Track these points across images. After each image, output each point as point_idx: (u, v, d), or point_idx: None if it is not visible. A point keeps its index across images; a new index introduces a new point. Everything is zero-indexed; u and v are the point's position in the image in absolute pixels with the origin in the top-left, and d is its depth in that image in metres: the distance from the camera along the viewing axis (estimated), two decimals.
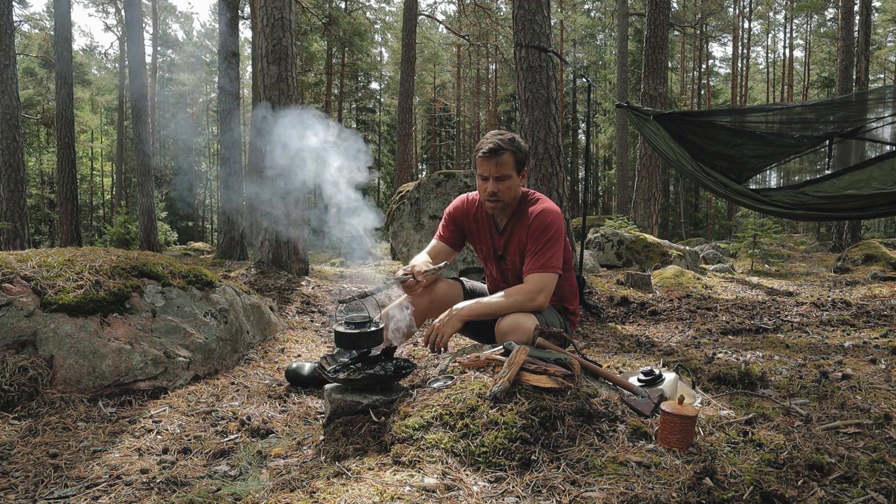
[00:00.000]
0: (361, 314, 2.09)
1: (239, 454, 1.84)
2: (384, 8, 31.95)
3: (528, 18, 5.04)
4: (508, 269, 2.41)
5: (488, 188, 2.24)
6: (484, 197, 2.29)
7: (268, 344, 3.31)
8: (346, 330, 2.01)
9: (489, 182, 2.24)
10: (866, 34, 13.19)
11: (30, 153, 25.51)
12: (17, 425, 1.96)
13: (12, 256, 2.57)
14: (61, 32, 11.19)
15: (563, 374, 1.74)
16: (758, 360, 2.86)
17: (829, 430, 1.75)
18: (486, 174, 2.24)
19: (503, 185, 2.24)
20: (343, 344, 2.01)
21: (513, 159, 2.23)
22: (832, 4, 26.72)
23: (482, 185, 2.28)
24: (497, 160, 2.21)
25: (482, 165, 2.24)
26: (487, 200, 2.29)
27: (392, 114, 33.64)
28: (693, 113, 4.51)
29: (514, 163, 2.24)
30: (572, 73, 31.77)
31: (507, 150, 2.21)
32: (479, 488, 1.36)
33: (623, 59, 19.83)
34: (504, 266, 2.43)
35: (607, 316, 4.64)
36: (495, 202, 2.28)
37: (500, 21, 23.06)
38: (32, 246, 11.27)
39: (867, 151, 3.81)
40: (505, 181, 2.24)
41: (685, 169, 4.06)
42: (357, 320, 2.04)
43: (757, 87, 37.51)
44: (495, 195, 2.25)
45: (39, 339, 2.24)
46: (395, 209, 7.44)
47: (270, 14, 6.24)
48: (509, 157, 2.22)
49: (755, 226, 9.50)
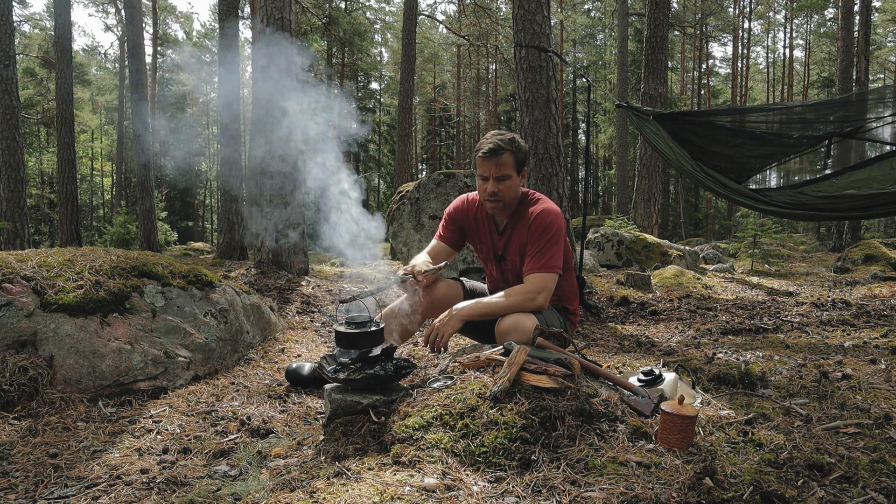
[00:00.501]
0: (362, 314, 2.09)
1: (239, 454, 1.84)
2: (384, 8, 31.98)
3: (528, 18, 5.04)
4: (508, 269, 2.41)
5: (488, 188, 2.25)
6: (484, 197, 2.29)
7: (268, 344, 3.31)
8: (347, 330, 2.01)
9: (489, 182, 2.24)
10: (866, 34, 13.20)
11: (30, 153, 25.51)
12: (17, 425, 1.96)
13: (12, 256, 2.57)
14: (61, 32, 11.19)
15: (563, 374, 1.74)
16: (758, 360, 2.86)
17: (829, 430, 1.75)
18: (486, 174, 2.24)
19: (503, 186, 2.24)
20: (343, 343, 2.02)
21: (513, 159, 2.23)
22: (832, 4, 26.71)
23: (482, 185, 2.28)
24: (497, 160, 2.21)
25: (482, 165, 2.24)
26: (487, 200, 2.29)
27: (392, 114, 33.64)
28: (692, 113, 4.52)
29: (515, 163, 2.24)
30: (572, 73, 31.78)
31: (507, 150, 2.21)
32: (479, 488, 1.36)
33: (623, 59, 19.83)
34: (504, 266, 2.43)
35: (607, 316, 4.64)
36: (495, 202, 2.28)
37: (500, 21, 23.06)
38: (32, 246, 11.26)
39: (867, 151, 3.81)
40: (505, 181, 2.24)
41: (685, 169, 4.06)
42: (357, 320, 2.04)
43: (757, 87, 37.51)
44: (495, 195, 2.25)
45: (39, 339, 2.24)
46: (395, 209, 7.44)
47: (270, 14, 6.24)
48: (509, 157, 2.22)
49: (755, 226, 9.50)
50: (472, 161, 2.32)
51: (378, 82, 36.94)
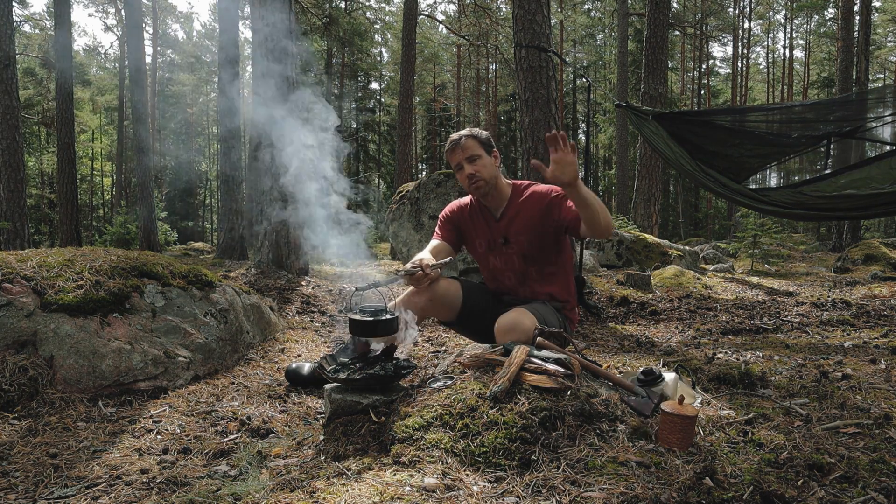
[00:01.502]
0: (375, 304, 2.08)
1: (239, 454, 1.84)
2: (384, 8, 31.93)
3: (528, 18, 5.04)
4: (514, 251, 2.44)
5: (465, 172, 2.37)
6: (467, 185, 2.40)
7: (268, 344, 3.31)
8: (362, 318, 2.00)
9: (464, 168, 2.37)
10: (866, 34, 13.20)
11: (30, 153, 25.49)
12: (17, 425, 1.96)
13: (12, 256, 2.57)
14: (61, 32, 11.19)
15: (563, 374, 1.74)
16: (758, 360, 2.86)
17: (829, 430, 1.75)
18: (458, 162, 2.38)
19: (477, 165, 2.36)
20: (358, 332, 2.01)
21: (475, 142, 2.38)
22: (832, 4, 26.72)
23: (460, 175, 2.41)
24: (460, 146, 2.37)
25: (451, 157, 2.41)
26: (471, 186, 2.39)
27: (392, 114, 33.62)
28: (691, 112, 4.52)
29: (478, 144, 2.38)
30: (572, 73, 31.77)
31: (465, 136, 2.39)
32: (479, 488, 1.36)
33: (623, 59, 19.83)
34: (509, 250, 2.45)
35: (607, 316, 4.64)
36: (477, 182, 2.37)
37: (500, 21, 23.05)
38: (32, 246, 11.26)
39: (867, 151, 3.80)
40: (476, 161, 2.36)
41: (684, 168, 4.06)
42: (371, 309, 2.04)
43: (757, 87, 37.49)
44: (474, 176, 2.36)
45: (39, 339, 2.24)
46: (395, 209, 7.44)
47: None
48: (470, 141, 2.37)
49: (755, 226, 9.50)
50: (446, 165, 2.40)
51: (378, 82, 36.91)
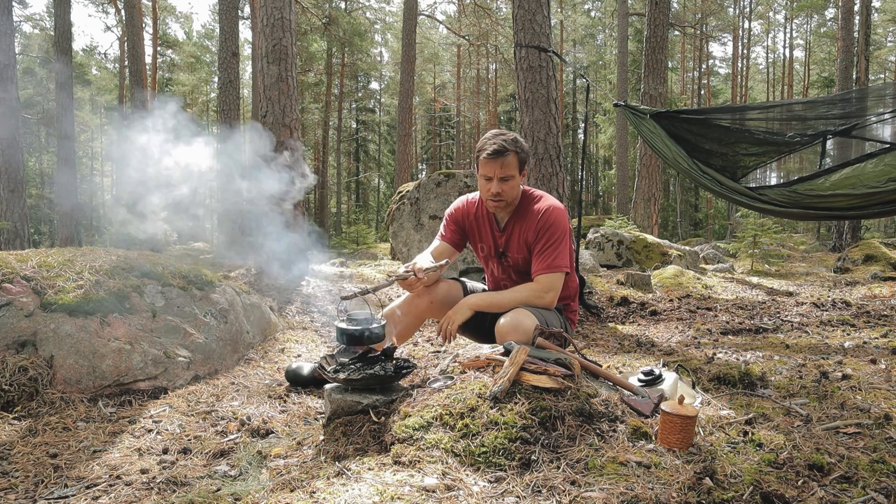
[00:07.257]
0: (364, 311, 2.09)
1: (239, 454, 1.84)
2: (384, 8, 31.96)
3: (528, 18, 5.04)
4: (510, 265, 2.42)
5: (492, 189, 2.25)
6: (487, 197, 2.30)
7: (268, 344, 3.31)
8: (349, 327, 2.01)
9: (493, 183, 2.24)
10: (866, 34, 13.19)
11: (30, 153, 25.51)
12: (17, 425, 1.96)
13: (12, 256, 2.57)
14: (61, 32, 11.19)
15: (563, 374, 1.74)
16: (758, 360, 2.85)
17: (829, 430, 1.75)
18: (490, 175, 2.24)
19: (507, 186, 2.25)
20: (345, 341, 2.01)
21: (517, 160, 2.25)
22: (832, 4, 26.71)
23: (485, 185, 2.28)
24: (502, 161, 2.21)
25: (486, 166, 2.24)
26: (490, 200, 2.30)
27: (392, 114, 33.60)
28: (689, 111, 4.50)
29: (518, 163, 2.26)
30: (572, 73, 31.76)
31: (512, 151, 2.22)
32: (479, 488, 1.36)
33: (623, 59, 19.82)
34: (506, 263, 2.44)
35: (607, 316, 4.63)
36: (498, 202, 2.29)
37: (500, 21, 23.04)
38: (32, 246, 11.25)
39: (866, 150, 3.79)
40: (509, 181, 2.25)
41: (681, 167, 4.06)
42: (359, 317, 2.04)
43: (757, 87, 37.47)
44: (499, 196, 2.26)
45: (39, 339, 2.24)
46: (395, 209, 7.44)
47: (270, 14, 6.24)
48: (513, 158, 2.23)
49: (755, 226, 9.49)
50: (474, 161, 2.33)
51: (378, 82, 36.91)
